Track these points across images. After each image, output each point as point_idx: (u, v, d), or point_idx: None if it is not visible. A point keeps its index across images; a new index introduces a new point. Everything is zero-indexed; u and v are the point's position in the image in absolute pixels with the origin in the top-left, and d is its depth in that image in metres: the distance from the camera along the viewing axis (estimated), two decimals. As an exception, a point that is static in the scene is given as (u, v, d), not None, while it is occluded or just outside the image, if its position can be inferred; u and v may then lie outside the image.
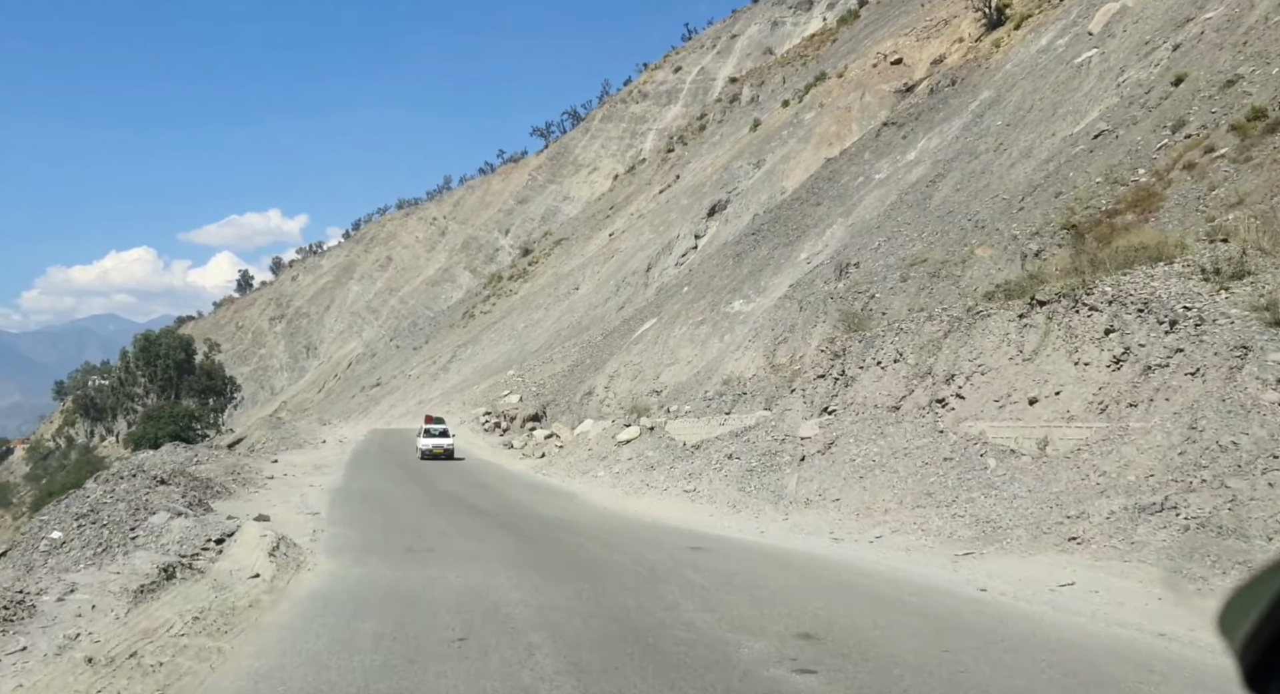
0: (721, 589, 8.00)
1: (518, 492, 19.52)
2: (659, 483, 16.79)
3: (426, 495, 18.45)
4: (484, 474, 24.31)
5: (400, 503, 17.03)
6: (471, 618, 7.15)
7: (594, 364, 47.68)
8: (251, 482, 18.87)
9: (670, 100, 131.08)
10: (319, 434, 37.87)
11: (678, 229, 63.25)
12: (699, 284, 47.83)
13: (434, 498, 17.94)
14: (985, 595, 7.62)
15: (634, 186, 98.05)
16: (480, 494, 18.89)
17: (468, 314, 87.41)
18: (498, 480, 22.55)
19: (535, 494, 19.05)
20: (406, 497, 18.18)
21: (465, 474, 23.88)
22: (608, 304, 60.28)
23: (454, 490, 19.40)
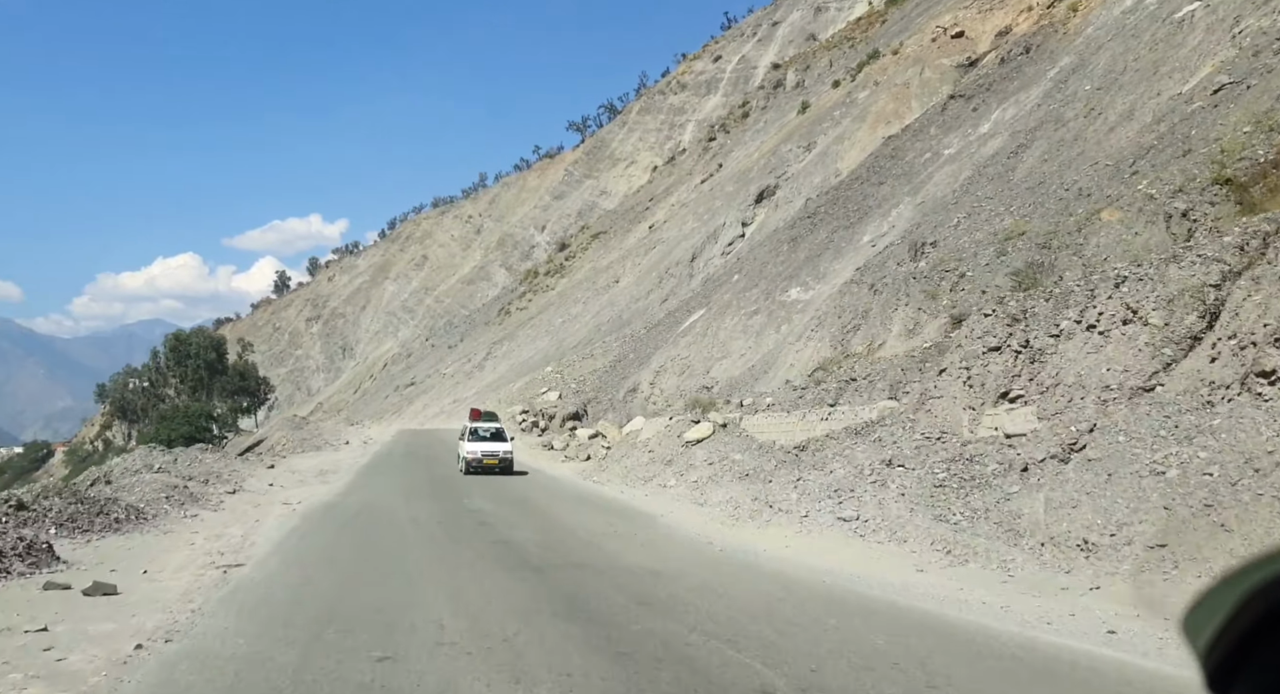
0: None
1: (570, 510, 15.16)
2: (786, 502, 11.96)
3: (442, 520, 13.73)
4: (524, 483, 20.40)
5: (398, 536, 12.18)
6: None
7: (638, 359, 44.25)
8: (200, 500, 14.63)
9: (709, 90, 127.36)
10: (344, 435, 34.93)
11: (723, 217, 59.62)
12: (750, 272, 44.21)
13: (452, 525, 13.28)
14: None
15: (674, 177, 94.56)
16: (519, 516, 14.23)
17: (503, 311, 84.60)
18: (541, 492, 18.47)
19: (595, 514, 14.50)
20: (414, 521, 13.55)
21: (501, 483, 20.07)
22: (650, 297, 56.86)
23: (482, 509, 15.06)
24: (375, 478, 20.66)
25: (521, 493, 17.89)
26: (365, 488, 18.50)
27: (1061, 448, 8.21)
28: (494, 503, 15.94)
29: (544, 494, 17.84)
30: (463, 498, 16.72)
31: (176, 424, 31.98)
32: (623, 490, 17.82)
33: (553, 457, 26.56)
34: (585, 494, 17.95)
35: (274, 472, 20.50)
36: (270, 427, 42.28)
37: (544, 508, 15.52)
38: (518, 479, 20.88)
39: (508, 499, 16.70)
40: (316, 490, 17.67)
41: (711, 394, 37.82)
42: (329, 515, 14.02)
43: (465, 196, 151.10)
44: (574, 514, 14.53)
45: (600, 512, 14.88)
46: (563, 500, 16.72)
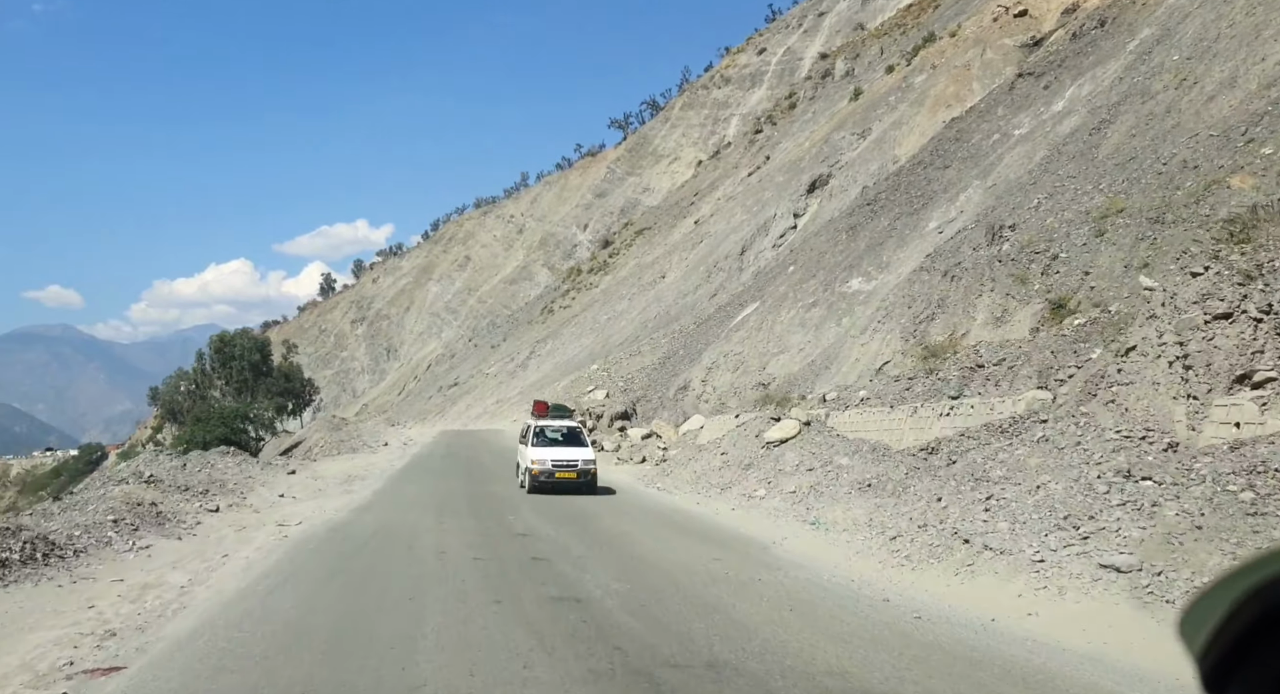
0: None
1: (649, 534, 11.89)
2: (992, 535, 8.15)
3: (481, 553, 10.32)
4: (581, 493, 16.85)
5: (412, 584, 8.54)
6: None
7: (688, 355, 42.20)
8: (170, 521, 11.55)
9: (754, 83, 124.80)
10: (383, 436, 33.43)
11: (774, 208, 57.28)
12: (807, 263, 41.90)
13: (493, 561, 9.85)
14: None
15: (719, 171, 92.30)
16: (585, 545, 10.86)
17: (546, 309, 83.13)
18: (604, 504, 15.54)
19: (686, 541, 11.13)
20: (441, 555, 10.18)
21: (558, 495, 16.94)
22: (698, 292, 54.77)
23: (533, 532, 11.88)
24: (406, 486, 18.26)
25: (580, 505, 14.94)
26: (391, 501, 15.84)
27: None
28: (547, 522, 12.88)
29: (607, 508, 14.85)
30: (507, 514, 13.87)
31: (211, 425, 30.81)
32: (699, 501, 15.09)
33: (604, 458, 24.57)
34: (657, 508, 15.03)
35: (294, 478, 18.66)
36: (309, 428, 41.06)
37: (614, 530, 12.11)
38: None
39: (565, 515, 13.63)
40: (332, 504, 15.13)
41: (768, 391, 35.65)
42: (328, 545, 10.85)
43: (507, 196, 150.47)
44: (656, 540, 11.10)
45: (691, 536, 11.46)
46: (634, 517, 13.71)
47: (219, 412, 31.92)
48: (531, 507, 14.98)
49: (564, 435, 18.09)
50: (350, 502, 15.42)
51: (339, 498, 16.11)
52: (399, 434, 35.39)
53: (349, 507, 14.75)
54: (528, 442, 17.67)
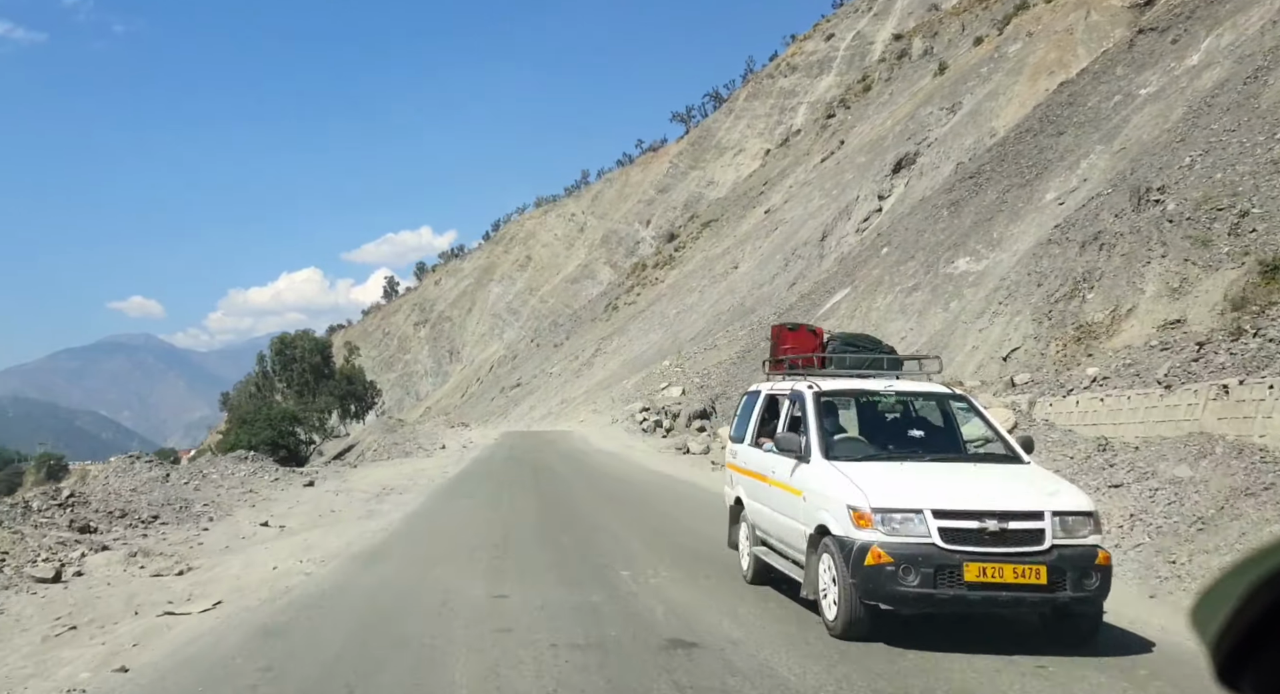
0: None
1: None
2: None
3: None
4: (695, 514, 11.88)
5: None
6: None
7: (768, 348, 38.56)
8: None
9: (822, 70, 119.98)
10: (440, 438, 30.53)
11: (855, 191, 53.07)
12: (903, 244, 37.75)
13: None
14: None
15: (789, 159, 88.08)
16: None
17: (610, 307, 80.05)
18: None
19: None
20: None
21: (651, 511, 12.78)
22: (775, 281, 50.91)
23: (697, 630, 6.12)
24: (455, 503, 14.13)
25: (710, 534, 9.40)
26: (424, 535, 11.25)
27: None
28: (679, 581, 7.76)
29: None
30: (619, 570, 8.17)
31: (257, 428, 28.35)
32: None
33: (696, 464, 20.95)
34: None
35: (308, 492, 14.96)
36: (363, 430, 38.45)
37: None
38: (683, 501, 13.84)
39: (706, 564, 8.31)
40: (329, 543, 10.11)
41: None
42: (294, 645, 6.00)
43: (568, 194, 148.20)
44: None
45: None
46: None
47: (265, 413, 29.48)
48: (636, 534, 10.22)
49: (926, 430, 7.33)
50: (360, 537, 10.46)
51: (350, 528, 11.31)
52: (458, 436, 32.46)
53: (349, 551, 9.57)
54: (783, 445, 6.96)
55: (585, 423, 39.16)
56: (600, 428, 33.44)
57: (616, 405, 37.41)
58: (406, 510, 13.49)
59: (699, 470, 18.77)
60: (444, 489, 16.20)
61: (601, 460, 21.97)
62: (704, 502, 13.22)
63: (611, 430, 31.63)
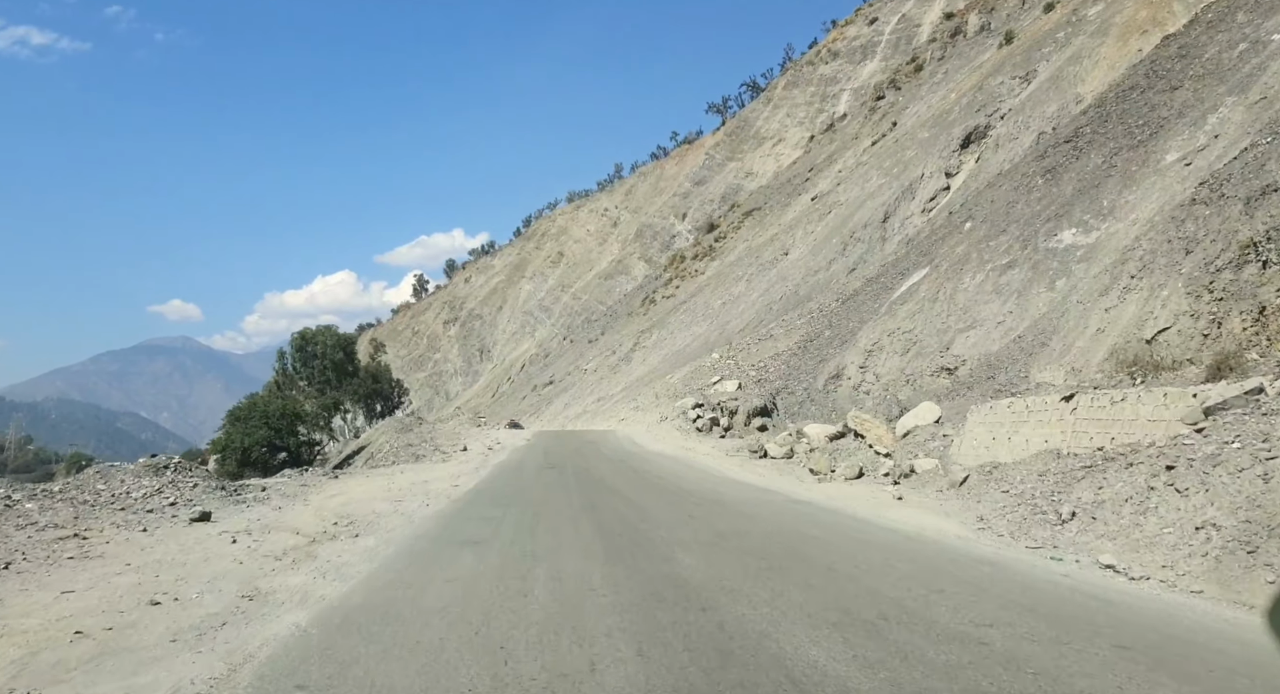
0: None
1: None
2: None
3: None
4: (881, 575, 7.10)
5: None
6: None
7: (836, 336, 33.98)
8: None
9: (865, 56, 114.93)
10: (463, 438, 26.44)
11: (920, 168, 48.30)
12: (991, 217, 33.04)
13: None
14: None
15: (836, 144, 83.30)
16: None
17: (648, 300, 75.81)
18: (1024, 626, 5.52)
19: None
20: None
21: (825, 572, 7.20)
22: (833, 267, 46.31)
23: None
24: (440, 566, 7.67)
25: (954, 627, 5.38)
26: (422, 612, 6.00)
27: None
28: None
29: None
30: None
31: (251, 425, 24.27)
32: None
33: (785, 471, 16.47)
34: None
35: (179, 539, 8.60)
36: (375, 430, 34.53)
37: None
38: (833, 542, 8.76)
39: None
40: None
41: (956, 376, 27.20)
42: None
43: (600, 189, 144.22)
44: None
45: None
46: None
47: (261, 408, 25.53)
48: (792, 588, 6.39)
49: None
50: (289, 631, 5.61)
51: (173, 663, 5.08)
52: (484, 436, 28.35)
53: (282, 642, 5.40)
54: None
55: (626, 421, 34.91)
56: (646, 427, 29.19)
57: (663, 401, 33.13)
58: (373, 565, 7.72)
59: (802, 483, 14.27)
60: (438, 524, 10.24)
61: (664, 467, 17.48)
62: (891, 547, 8.39)
63: (661, 429, 27.35)
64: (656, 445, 23.26)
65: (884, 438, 15.38)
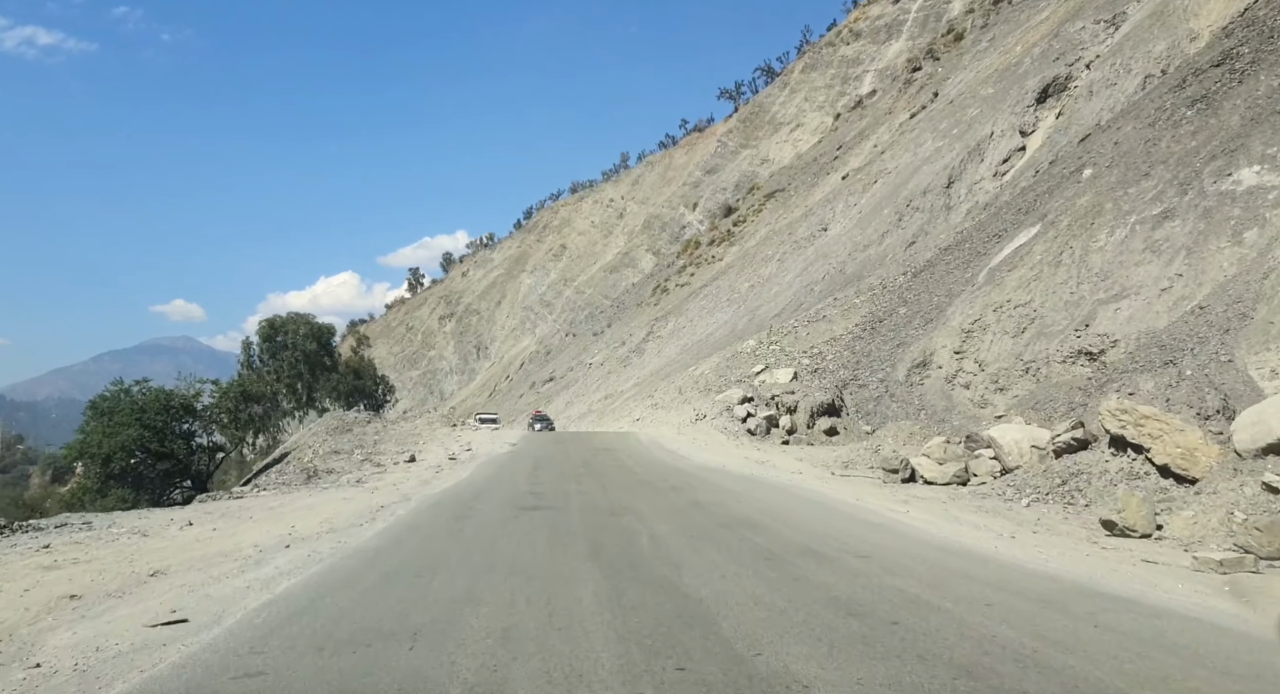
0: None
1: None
2: None
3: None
4: None
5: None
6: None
7: (915, 315, 26.60)
8: None
9: (890, 35, 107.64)
10: (422, 444, 19.02)
11: (986, 126, 40.91)
12: (1123, 160, 25.59)
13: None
14: None
15: (867, 120, 76.00)
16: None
17: (659, 289, 68.49)
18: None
19: None
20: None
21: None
22: (886, 240, 38.94)
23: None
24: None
25: None
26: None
27: None
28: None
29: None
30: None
31: (116, 424, 16.73)
32: None
33: (1007, 517, 8.57)
34: None
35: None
36: (306, 430, 26.48)
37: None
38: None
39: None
40: None
41: (1103, 360, 19.78)
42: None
43: (606, 179, 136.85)
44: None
45: None
46: None
47: (129, 399, 18.10)
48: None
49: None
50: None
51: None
52: (455, 439, 20.86)
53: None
54: None
55: (644, 421, 27.50)
56: (677, 428, 21.85)
57: (694, 397, 25.71)
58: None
59: (1135, 566, 6.44)
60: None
61: (754, 503, 9.65)
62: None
63: (699, 432, 19.96)
64: (703, 455, 15.82)
65: (1198, 453, 8.01)
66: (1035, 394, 21.02)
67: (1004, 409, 21.46)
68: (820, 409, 21.62)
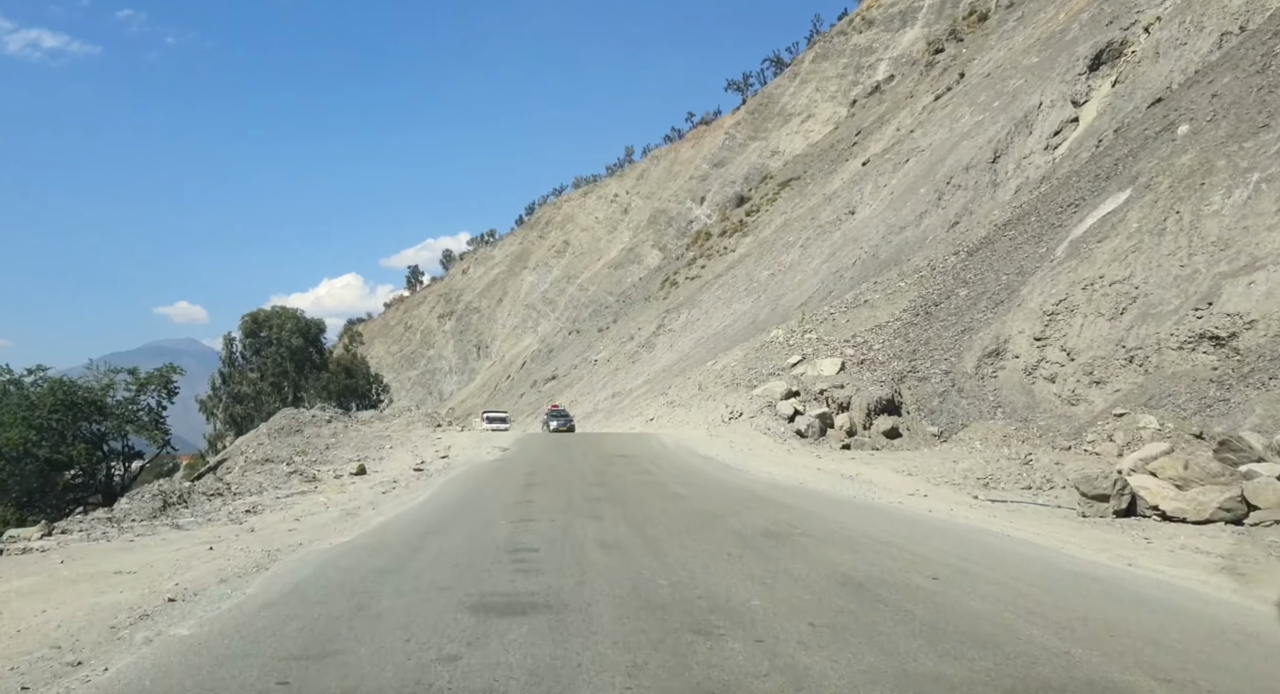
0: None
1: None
2: None
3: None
4: None
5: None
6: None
7: (980, 297, 22.78)
8: None
9: (905, 23, 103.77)
10: (388, 449, 15.24)
11: (1034, 97, 37.07)
12: (1229, 112, 21.74)
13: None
14: None
15: (886, 105, 72.20)
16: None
17: (668, 282, 64.70)
18: None
19: None
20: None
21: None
22: (925, 221, 35.13)
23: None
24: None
25: None
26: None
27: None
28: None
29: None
30: None
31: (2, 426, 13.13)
32: None
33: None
34: None
35: None
36: (250, 435, 22.16)
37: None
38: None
39: None
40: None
41: (1234, 348, 15.84)
42: None
43: (610, 174, 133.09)
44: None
45: None
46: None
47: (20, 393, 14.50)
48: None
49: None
50: None
51: None
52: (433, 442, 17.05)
53: None
54: None
55: (660, 420, 23.73)
56: (708, 428, 18.11)
57: (720, 393, 21.90)
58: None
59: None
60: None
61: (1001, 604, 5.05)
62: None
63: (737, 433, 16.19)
64: (757, 464, 11.98)
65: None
66: (1145, 387, 17.21)
67: (1103, 406, 17.65)
68: (878, 406, 17.79)
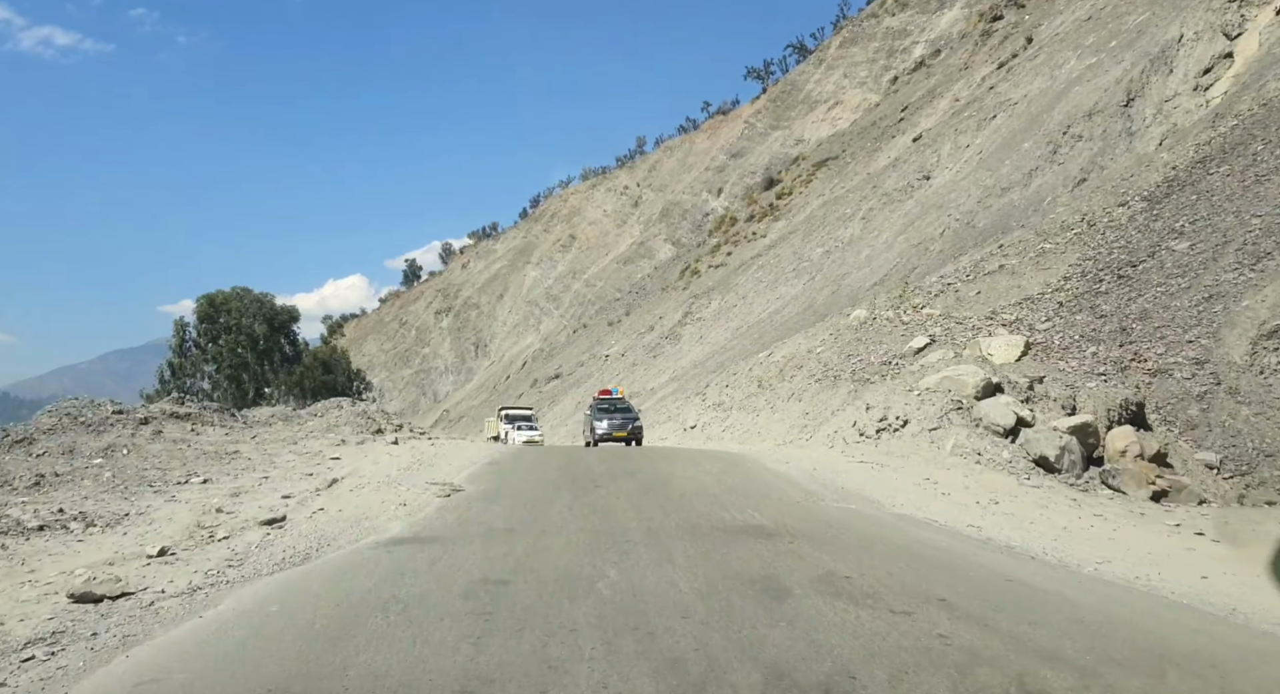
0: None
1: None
2: None
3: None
4: None
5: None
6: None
7: (1216, 249, 15.04)
8: None
9: (942, 3, 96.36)
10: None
11: (1171, 29, 29.57)
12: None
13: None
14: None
15: (936, 78, 64.68)
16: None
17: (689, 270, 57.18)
18: None
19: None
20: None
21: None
22: (1036, 179, 27.60)
23: None
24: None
25: None
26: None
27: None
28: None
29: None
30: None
31: None
32: None
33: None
34: None
35: None
36: (74, 459, 14.51)
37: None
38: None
39: None
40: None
41: None
42: None
43: (620, 165, 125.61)
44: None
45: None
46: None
47: None
48: None
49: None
50: None
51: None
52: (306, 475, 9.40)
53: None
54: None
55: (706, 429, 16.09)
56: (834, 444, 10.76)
57: (828, 386, 14.46)
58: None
59: None
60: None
61: None
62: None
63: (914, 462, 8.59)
64: (1181, 577, 4.34)
65: None
66: None
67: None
68: (1121, 413, 10.08)
